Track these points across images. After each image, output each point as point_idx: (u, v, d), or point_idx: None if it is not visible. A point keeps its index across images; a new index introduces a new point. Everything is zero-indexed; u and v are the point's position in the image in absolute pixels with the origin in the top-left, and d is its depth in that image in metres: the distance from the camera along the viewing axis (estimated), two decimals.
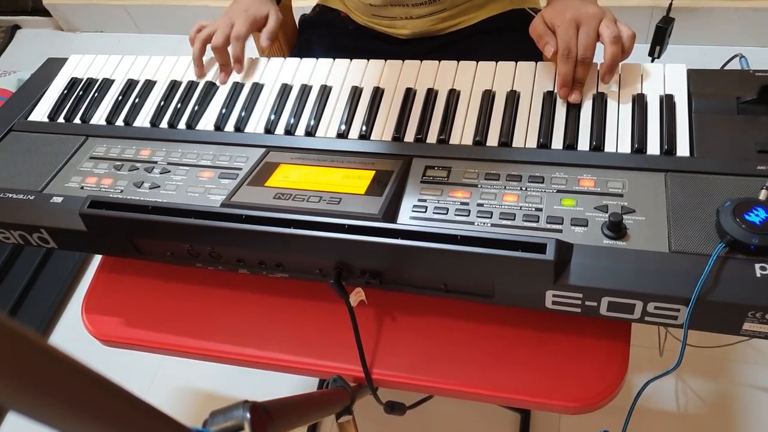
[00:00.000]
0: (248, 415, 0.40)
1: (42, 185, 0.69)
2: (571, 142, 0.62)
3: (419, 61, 0.74)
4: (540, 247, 0.50)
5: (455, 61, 0.73)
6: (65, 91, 0.82)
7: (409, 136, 0.67)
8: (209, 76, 0.80)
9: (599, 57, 0.66)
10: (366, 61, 0.76)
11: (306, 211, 0.59)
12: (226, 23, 0.80)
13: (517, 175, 0.60)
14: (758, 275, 0.48)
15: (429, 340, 0.63)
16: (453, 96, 0.70)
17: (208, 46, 0.80)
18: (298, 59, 0.79)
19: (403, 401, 0.73)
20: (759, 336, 0.50)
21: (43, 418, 0.22)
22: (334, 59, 0.78)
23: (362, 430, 0.65)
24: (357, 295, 0.63)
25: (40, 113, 0.80)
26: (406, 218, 0.58)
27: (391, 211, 0.59)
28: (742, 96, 0.61)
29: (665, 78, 0.66)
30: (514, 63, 0.71)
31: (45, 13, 2.32)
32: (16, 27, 2.43)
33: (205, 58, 0.81)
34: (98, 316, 0.72)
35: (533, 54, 0.77)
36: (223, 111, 0.74)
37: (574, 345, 0.60)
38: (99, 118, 0.78)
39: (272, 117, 0.73)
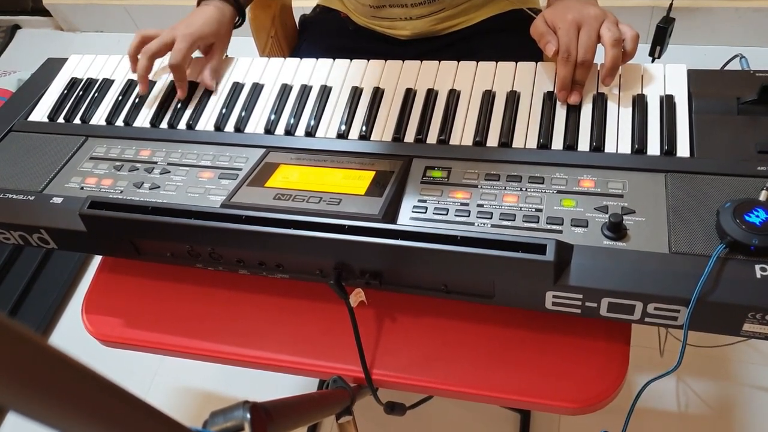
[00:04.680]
0: (248, 416, 0.40)
1: (42, 185, 0.69)
2: (571, 143, 0.62)
3: (419, 62, 0.74)
4: (540, 248, 0.50)
5: (455, 62, 0.73)
6: (65, 92, 0.82)
7: (409, 136, 0.67)
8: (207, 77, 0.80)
9: (600, 58, 0.66)
10: (366, 61, 0.76)
11: (306, 212, 0.59)
12: (164, 36, 0.77)
13: (517, 176, 0.60)
14: (758, 276, 0.48)
15: (429, 340, 0.63)
16: (453, 96, 0.70)
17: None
18: (298, 59, 0.79)
19: (403, 401, 0.73)
20: (759, 337, 0.50)
21: (43, 418, 0.22)
22: (334, 59, 0.78)
23: (362, 430, 0.65)
24: (357, 296, 0.63)
25: (40, 113, 0.80)
26: (406, 219, 0.58)
27: (391, 212, 0.59)
28: (743, 96, 0.61)
29: (665, 78, 0.66)
30: (514, 63, 0.71)
31: (45, 13, 2.32)
32: (16, 27, 2.43)
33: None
34: (98, 316, 0.72)
35: (533, 54, 0.77)
36: (223, 111, 0.74)
37: (574, 346, 0.60)
38: (99, 118, 0.78)
39: (272, 117, 0.72)
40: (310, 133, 0.70)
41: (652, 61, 0.78)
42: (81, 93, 0.81)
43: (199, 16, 0.80)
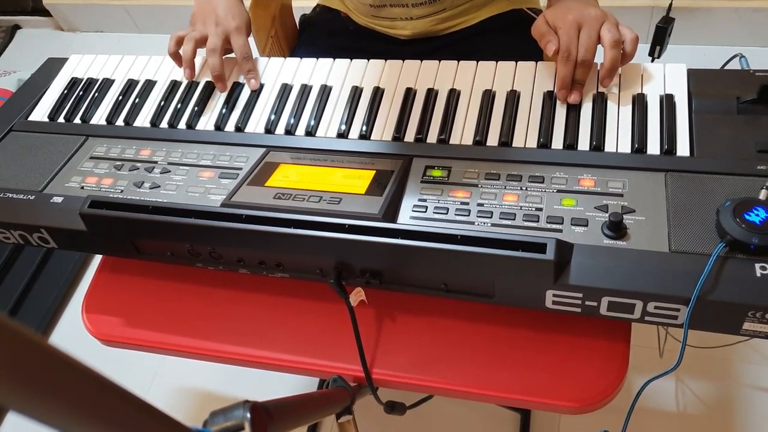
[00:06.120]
0: (248, 415, 0.40)
1: (42, 185, 0.69)
2: (571, 142, 0.62)
3: (419, 61, 0.74)
4: (540, 247, 0.50)
5: (455, 61, 0.73)
6: (65, 91, 0.82)
7: (410, 136, 0.67)
8: (210, 76, 0.80)
9: (600, 58, 0.66)
10: (366, 61, 0.76)
11: (306, 211, 0.59)
12: (218, 31, 0.78)
13: (518, 175, 0.60)
14: (758, 275, 0.48)
15: (429, 340, 0.63)
16: (453, 96, 0.70)
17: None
18: (298, 59, 0.79)
19: (403, 401, 0.73)
20: (759, 336, 0.50)
21: (43, 418, 0.22)
22: (334, 59, 0.78)
23: (362, 430, 0.65)
24: (357, 295, 0.63)
25: (40, 113, 0.80)
26: (406, 218, 0.58)
27: (391, 211, 0.59)
28: (742, 96, 0.61)
29: (665, 78, 0.66)
30: (514, 63, 0.71)
31: (45, 13, 2.32)
32: (16, 27, 2.43)
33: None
34: (98, 316, 0.72)
35: (533, 54, 0.77)
36: (224, 111, 0.74)
37: (574, 345, 0.60)
38: (99, 118, 0.78)
39: (272, 117, 0.72)
40: (310, 132, 0.70)
41: (652, 61, 0.78)
42: (81, 93, 0.81)
43: (224, 2, 0.80)
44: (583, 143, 0.62)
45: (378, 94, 0.72)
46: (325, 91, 0.74)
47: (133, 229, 0.62)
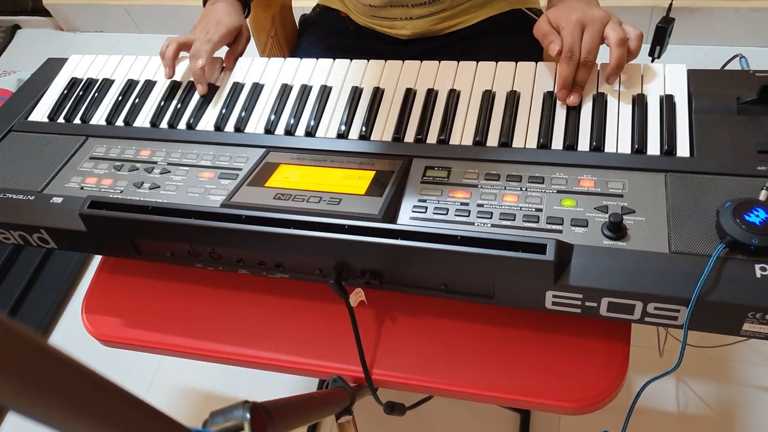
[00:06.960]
0: (248, 416, 0.40)
1: (42, 185, 0.69)
2: (571, 143, 0.62)
3: (419, 62, 0.74)
4: (540, 248, 0.50)
5: (455, 62, 0.73)
6: (65, 91, 0.82)
7: (409, 136, 0.67)
8: (211, 78, 0.80)
9: (603, 58, 0.66)
10: (366, 61, 0.76)
11: (306, 212, 0.59)
12: (201, 34, 0.79)
13: (517, 176, 0.60)
14: (758, 276, 0.48)
15: (429, 340, 0.63)
16: (453, 96, 0.70)
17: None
18: (298, 59, 0.79)
19: (403, 401, 0.73)
20: (759, 336, 0.50)
21: (43, 418, 0.22)
22: (334, 59, 0.78)
23: (362, 430, 0.65)
24: (357, 296, 0.63)
25: (40, 113, 0.80)
26: (406, 219, 0.58)
27: (391, 212, 0.59)
28: (743, 96, 0.61)
29: (665, 78, 0.66)
30: (514, 63, 0.71)
31: (45, 13, 2.32)
32: (16, 27, 2.43)
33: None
34: (98, 316, 0.72)
35: (533, 54, 0.77)
36: (223, 111, 0.74)
37: (574, 345, 0.60)
38: (99, 118, 0.78)
39: (272, 117, 0.72)
40: (310, 133, 0.70)
41: (652, 61, 0.78)
42: (81, 93, 0.81)
43: (218, 12, 0.82)
44: (583, 144, 0.62)
45: (378, 94, 0.72)
46: (325, 92, 0.74)
47: (133, 229, 0.62)
